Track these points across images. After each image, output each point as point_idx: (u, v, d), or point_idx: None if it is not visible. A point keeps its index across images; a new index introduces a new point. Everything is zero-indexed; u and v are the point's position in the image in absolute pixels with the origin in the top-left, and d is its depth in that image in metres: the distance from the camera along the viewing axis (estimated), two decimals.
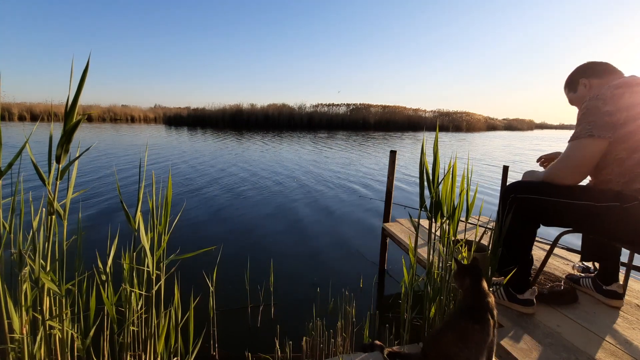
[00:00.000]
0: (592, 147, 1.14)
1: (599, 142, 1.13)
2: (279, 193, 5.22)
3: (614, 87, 1.14)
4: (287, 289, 2.32)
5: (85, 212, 3.81)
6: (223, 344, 1.71)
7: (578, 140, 1.17)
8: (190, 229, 3.47)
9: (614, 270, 1.45)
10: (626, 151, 1.13)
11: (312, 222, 3.87)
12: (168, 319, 1.14)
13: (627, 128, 1.11)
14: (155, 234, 1.09)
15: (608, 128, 1.12)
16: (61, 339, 1.01)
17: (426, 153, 1.36)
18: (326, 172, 7.28)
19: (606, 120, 1.12)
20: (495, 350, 0.97)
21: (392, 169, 2.56)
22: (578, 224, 1.25)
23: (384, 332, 1.81)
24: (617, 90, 1.13)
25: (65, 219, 0.95)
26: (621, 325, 1.31)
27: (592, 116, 1.14)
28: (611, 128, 1.12)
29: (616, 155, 1.15)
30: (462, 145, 16.33)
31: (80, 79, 0.84)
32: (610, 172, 1.19)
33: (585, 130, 1.15)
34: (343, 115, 32.21)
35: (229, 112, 29.51)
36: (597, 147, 1.14)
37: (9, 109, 24.90)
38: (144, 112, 31.49)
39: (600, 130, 1.12)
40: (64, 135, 0.84)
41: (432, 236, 1.41)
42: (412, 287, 1.39)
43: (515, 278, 1.36)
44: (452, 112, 38.03)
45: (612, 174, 1.18)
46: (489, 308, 0.96)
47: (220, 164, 7.91)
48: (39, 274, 0.90)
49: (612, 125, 1.12)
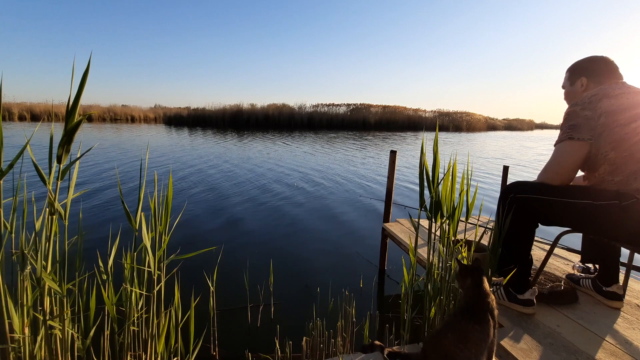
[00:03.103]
0: (573, 149, 1.22)
1: (579, 144, 1.20)
2: (279, 193, 5.22)
3: (591, 95, 1.22)
4: (287, 289, 2.32)
5: (86, 212, 3.81)
6: (223, 344, 1.71)
7: (560, 144, 1.25)
8: (190, 229, 3.47)
9: (613, 272, 1.46)
10: (614, 151, 1.17)
11: (312, 222, 3.87)
12: (168, 319, 1.14)
13: (609, 130, 1.16)
14: (156, 234, 1.09)
15: (587, 130, 1.19)
16: (62, 339, 1.01)
17: (426, 153, 1.36)
18: (326, 171, 7.28)
19: (585, 123, 1.19)
20: (495, 351, 0.97)
21: (392, 169, 2.56)
22: (577, 223, 1.26)
23: (384, 332, 1.81)
24: (595, 97, 1.21)
25: (66, 218, 0.95)
26: (621, 325, 1.31)
27: (572, 120, 1.22)
28: (590, 130, 1.19)
29: (605, 155, 1.19)
30: (471, 145, 16.32)
31: (81, 79, 0.84)
32: (603, 171, 1.22)
33: (566, 134, 1.23)
34: (343, 115, 32.21)
35: (229, 112, 29.52)
36: (577, 148, 1.21)
37: (9, 109, 24.88)
38: (144, 112, 31.48)
39: (579, 132, 1.20)
40: (65, 135, 0.84)
41: (432, 236, 1.41)
42: (412, 287, 1.40)
43: (515, 278, 1.36)
44: (452, 112, 38.05)
45: (605, 172, 1.21)
46: (489, 308, 0.96)
47: (220, 164, 7.91)
48: (41, 274, 0.90)
49: (591, 128, 1.19)
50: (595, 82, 1.33)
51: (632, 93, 1.20)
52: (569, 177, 1.25)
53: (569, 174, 1.25)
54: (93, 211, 3.90)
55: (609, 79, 1.30)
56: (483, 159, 10.88)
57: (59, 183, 0.89)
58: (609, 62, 1.31)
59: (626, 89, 1.21)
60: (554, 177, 1.26)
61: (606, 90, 1.21)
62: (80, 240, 1.06)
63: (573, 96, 1.41)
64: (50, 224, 0.91)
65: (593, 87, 1.33)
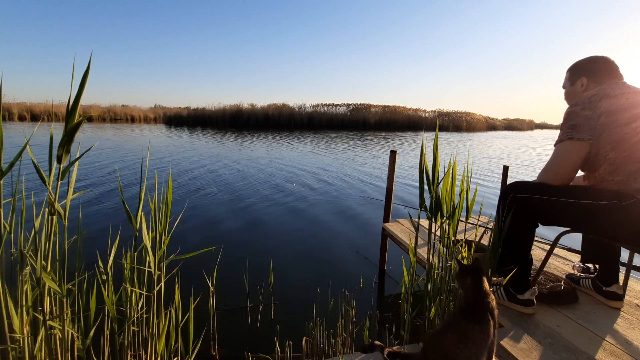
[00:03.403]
0: (573, 149, 1.22)
1: (579, 144, 1.21)
2: (279, 193, 5.22)
3: (592, 95, 1.23)
4: (287, 289, 2.32)
5: (86, 212, 3.81)
6: (223, 344, 1.71)
7: (560, 144, 1.25)
8: (190, 229, 3.47)
9: (613, 272, 1.46)
10: (614, 151, 1.17)
11: (312, 222, 3.87)
12: (168, 319, 1.14)
13: (609, 130, 1.17)
14: (156, 234, 1.09)
15: (587, 130, 1.19)
16: (61, 339, 1.01)
17: (426, 153, 1.36)
18: (325, 171, 7.28)
19: (585, 123, 1.19)
20: (495, 350, 0.97)
21: (392, 169, 2.56)
22: (577, 223, 1.26)
23: (384, 332, 1.81)
24: (594, 97, 1.21)
25: (65, 219, 0.95)
26: (621, 325, 1.31)
27: (572, 120, 1.23)
28: (590, 130, 1.19)
29: (605, 155, 1.20)
30: (471, 145, 16.32)
31: (82, 79, 0.84)
32: (603, 171, 1.22)
33: (566, 134, 1.23)
34: (343, 115, 32.21)
35: (229, 112, 29.53)
36: (577, 148, 1.21)
37: (9, 109, 24.88)
38: (144, 112, 31.48)
39: (579, 132, 1.20)
40: (66, 135, 0.84)
41: (432, 236, 1.41)
42: (412, 287, 1.39)
43: (515, 278, 1.36)
44: (452, 112, 38.05)
45: (605, 172, 1.22)
46: (489, 308, 0.96)
47: (220, 164, 7.91)
48: (40, 274, 0.90)
49: (591, 128, 1.19)
50: (596, 82, 1.33)
51: (632, 93, 1.20)
52: (569, 177, 1.26)
53: (569, 174, 1.25)
54: (93, 211, 3.90)
55: (609, 79, 1.30)
56: (484, 159, 10.87)
57: (59, 183, 0.89)
58: (610, 62, 1.32)
59: (626, 89, 1.21)
60: (554, 177, 1.26)
61: (606, 90, 1.22)
62: (80, 240, 1.06)
63: (573, 96, 1.41)
64: (50, 224, 0.91)
65: (593, 87, 1.33)
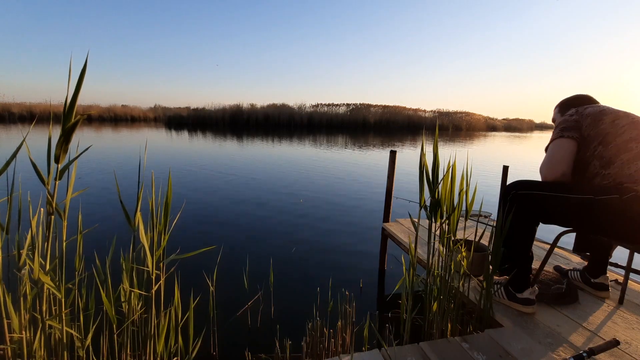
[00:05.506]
0: (563, 144, 1.34)
1: (568, 142, 1.34)
2: (279, 193, 5.22)
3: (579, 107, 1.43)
4: (287, 289, 2.31)
5: (85, 212, 3.81)
6: (223, 344, 1.70)
7: (553, 142, 1.39)
8: (190, 229, 3.47)
9: (602, 264, 1.54)
10: (602, 145, 1.28)
11: (312, 222, 3.86)
12: (168, 319, 1.14)
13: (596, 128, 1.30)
14: (155, 233, 1.09)
15: (576, 130, 1.34)
16: (61, 338, 1.01)
17: (426, 153, 1.36)
18: (325, 171, 7.28)
19: (574, 125, 1.35)
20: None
21: (392, 169, 2.56)
22: (578, 219, 1.27)
23: (384, 332, 1.81)
24: (581, 107, 1.41)
25: (64, 218, 0.95)
26: (621, 325, 1.31)
27: (563, 124, 1.39)
28: (578, 130, 1.34)
29: (593, 151, 1.30)
30: (471, 144, 16.29)
31: (79, 78, 0.84)
32: (594, 167, 1.29)
33: (557, 135, 1.38)
34: (343, 115, 32.21)
35: (229, 112, 29.55)
36: (566, 145, 1.33)
37: (9, 109, 24.90)
38: (144, 112, 31.52)
39: (568, 132, 1.34)
40: (63, 134, 0.84)
41: (432, 236, 1.41)
42: (412, 287, 1.39)
43: (515, 276, 1.37)
44: (452, 112, 38.05)
45: (597, 167, 1.29)
46: None
47: (220, 164, 7.90)
48: (38, 274, 0.90)
49: (579, 128, 1.34)
50: None
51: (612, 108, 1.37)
52: (563, 171, 1.31)
53: (562, 168, 1.31)
54: (92, 211, 3.90)
55: None
56: (484, 159, 10.87)
57: (57, 183, 0.89)
58: (592, 98, 1.55)
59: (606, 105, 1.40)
60: (548, 172, 1.34)
61: (591, 105, 1.42)
62: (79, 240, 1.06)
63: None
64: (48, 224, 0.91)
65: None
